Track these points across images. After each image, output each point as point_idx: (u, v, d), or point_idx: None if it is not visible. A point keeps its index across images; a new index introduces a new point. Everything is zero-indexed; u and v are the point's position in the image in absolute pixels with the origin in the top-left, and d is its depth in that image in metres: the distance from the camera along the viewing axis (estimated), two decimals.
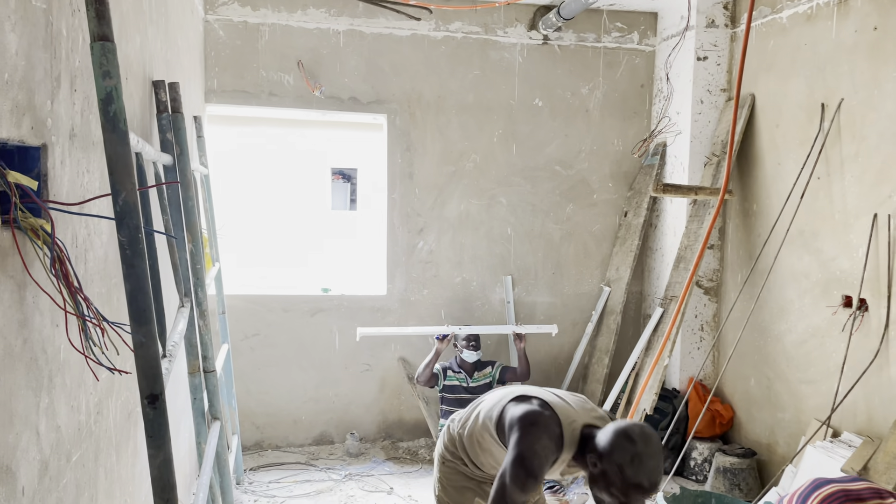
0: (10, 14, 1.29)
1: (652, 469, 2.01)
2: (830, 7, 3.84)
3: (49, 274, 1.39)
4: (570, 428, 2.17)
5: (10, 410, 1.28)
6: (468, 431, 2.44)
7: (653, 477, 2.01)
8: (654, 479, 2.02)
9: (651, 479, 2.01)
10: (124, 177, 1.48)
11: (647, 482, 2.00)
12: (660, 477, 2.03)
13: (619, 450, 2.02)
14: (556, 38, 5.04)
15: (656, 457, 2.03)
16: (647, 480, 2.00)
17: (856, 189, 3.66)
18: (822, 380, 3.86)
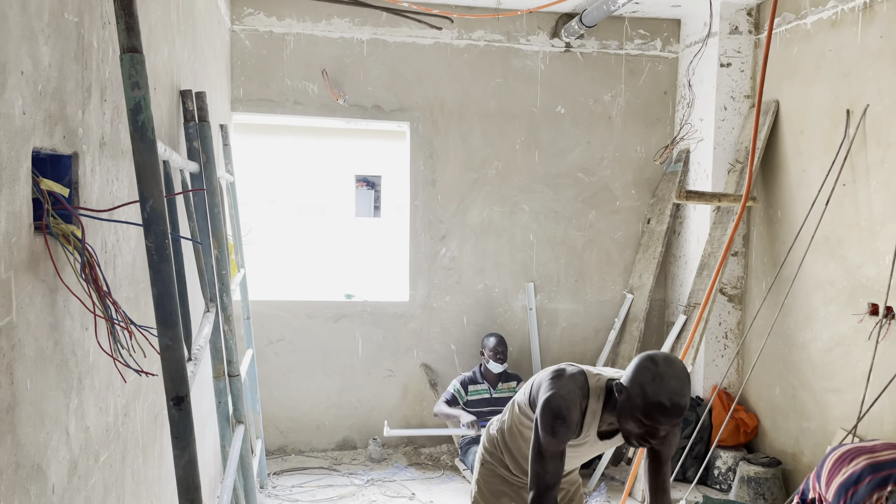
0: (43, 27, 1.34)
1: (674, 389, 1.97)
2: (855, 13, 3.81)
3: (79, 278, 1.44)
4: (595, 378, 2.21)
5: (41, 411, 1.33)
6: (507, 426, 2.48)
7: (674, 397, 1.97)
8: (675, 399, 1.97)
9: (672, 398, 1.97)
10: (152, 184, 1.52)
11: (669, 401, 1.96)
12: (683, 400, 1.98)
13: (641, 370, 2.03)
14: (579, 45, 5.05)
15: (679, 379, 2.00)
16: (669, 399, 1.96)
17: (882, 196, 3.62)
18: (849, 388, 3.81)
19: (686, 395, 2.00)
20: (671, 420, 1.99)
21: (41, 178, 1.36)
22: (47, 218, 1.36)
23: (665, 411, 1.98)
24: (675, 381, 1.98)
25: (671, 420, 1.99)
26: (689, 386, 2.02)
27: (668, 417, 1.98)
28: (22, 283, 1.24)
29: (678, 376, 2.00)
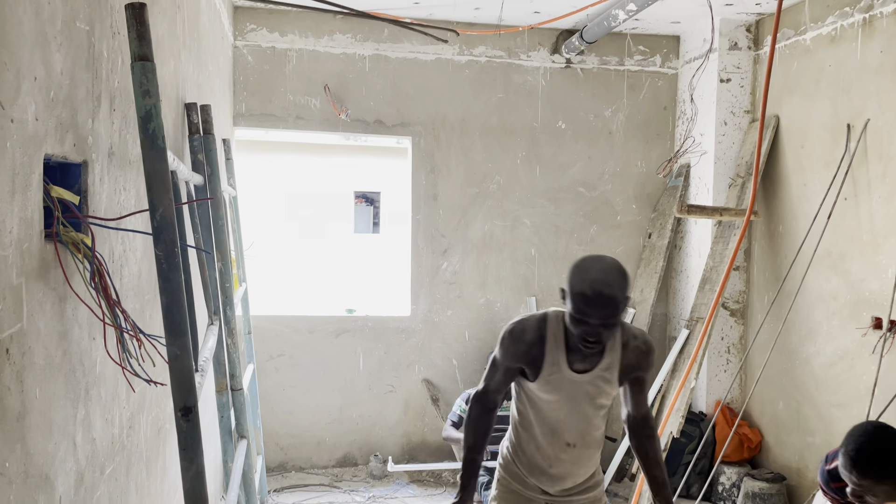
0: (56, 34, 1.34)
1: (595, 278, 1.98)
2: (855, 28, 3.84)
3: (88, 287, 1.43)
4: (555, 312, 2.25)
5: (49, 420, 1.31)
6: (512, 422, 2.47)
7: (596, 285, 1.96)
8: (597, 287, 1.96)
9: (595, 287, 1.96)
10: (162, 192, 1.51)
11: (591, 290, 1.96)
12: (608, 290, 1.97)
13: (571, 269, 2.07)
14: (579, 61, 5.08)
15: (604, 270, 2.01)
16: (591, 288, 1.96)
17: (884, 209, 3.63)
18: (853, 403, 3.79)
19: (612, 285, 1.98)
20: (596, 310, 1.98)
21: (52, 185, 1.36)
22: (57, 226, 1.35)
23: (588, 301, 1.98)
24: (598, 272, 2.00)
25: (596, 310, 1.98)
26: (618, 278, 2.01)
27: (592, 307, 1.98)
28: (32, 290, 1.23)
29: (603, 268, 2.02)
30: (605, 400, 2.28)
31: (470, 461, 2.40)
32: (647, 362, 2.27)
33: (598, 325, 2.01)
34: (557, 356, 2.20)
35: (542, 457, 2.35)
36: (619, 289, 2.00)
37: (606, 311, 2.00)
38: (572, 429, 2.28)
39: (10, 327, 1.14)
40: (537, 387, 2.24)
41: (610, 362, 2.22)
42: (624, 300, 2.01)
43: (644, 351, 2.25)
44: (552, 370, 2.20)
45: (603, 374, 2.22)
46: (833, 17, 4.00)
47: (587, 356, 2.19)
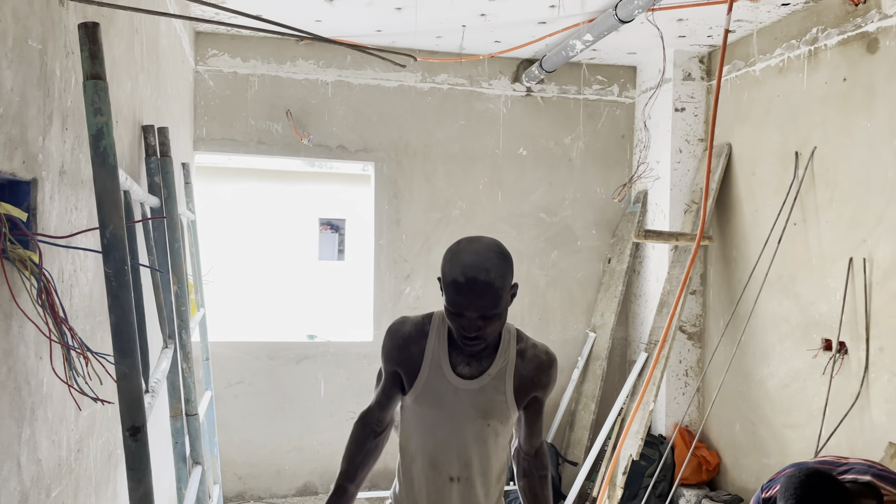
0: (6, 52, 1.35)
1: (468, 263, 1.73)
2: (801, 60, 4.00)
3: (35, 304, 1.42)
4: (440, 311, 1.97)
5: None
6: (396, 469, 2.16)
7: (469, 271, 1.72)
8: (470, 273, 1.72)
9: (467, 273, 1.72)
10: (112, 210, 1.51)
11: (462, 276, 1.72)
12: (483, 275, 1.71)
13: (445, 253, 1.83)
14: (539, 90, 5.19)
15: (477, 253, 1.75)
16: (462, 275, 1.72)
17: (831, 234, 3.75)
18: (806, 424, 3.88)
19: (489, 269, 1.72)
20: (471, 299, 1.73)
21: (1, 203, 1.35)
22: (4, 242, 1.34)
23: (460, 289, 1.73)
24: (471, 255, 1.74)
25: (471, 299, 1.73)
26: (496, 261, 1.75)
27: (466, 296, 1.72)
28: None
29: (477, 250, 1.76)
30: (500, 420, 1.92)
31: (339, 490, 2.02)
32: (547, 377, 1.94)
33: (476, 318, 1.75)
34: (439, 355, 1.91)
35: (425, 501, 1.97)
36: (498, 273, 1.74)
37: (483, 301, 1.73)
38: (457, 456, 1.92)
39: None
40: (415, 398, 1.92)
41: (502, 368, 1.90)
42: (505, 287, 1.76)
43: (544, 363, 1.93)
44: (433, 373, 1.90)
45: (494, 383, 1.90)
46: (780, 49, 4.15)
47: (474, 359, 1.90)
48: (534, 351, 1.94)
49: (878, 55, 3.50)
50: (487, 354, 1.91)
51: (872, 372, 3.47)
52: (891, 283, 3.39)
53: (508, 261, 1.80)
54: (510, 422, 1.95)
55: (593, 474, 4.71)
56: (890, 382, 3.38)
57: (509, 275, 1.78)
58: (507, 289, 1.78)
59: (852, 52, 3.65)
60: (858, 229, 3.58)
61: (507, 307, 1.81)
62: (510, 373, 1.91)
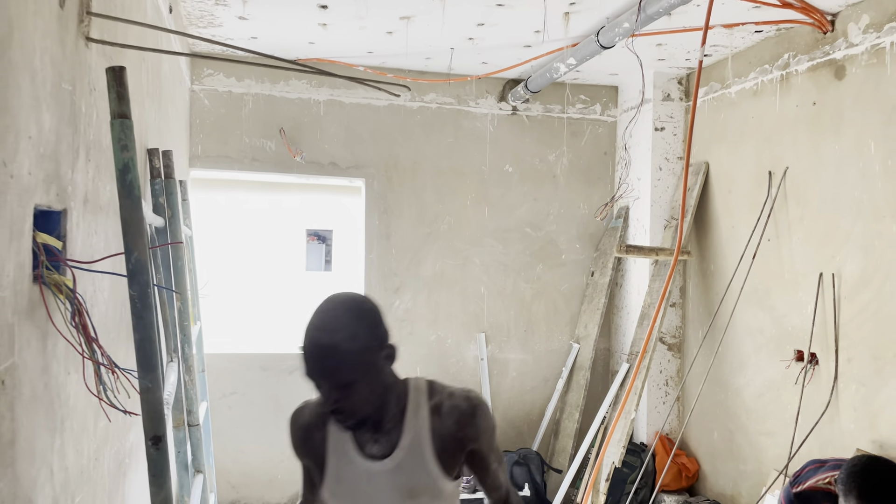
0: (46, 97, 1.49)
1: (316, 325, 1.50)
2: (774, 84, 4.20)
3: (68, 325, 1.55)
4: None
5: (32, 447, 1.42)
6: None
7: (316, 335, 1.49)
8: (316, 337, 1.48)
9: (312, 338, 1.49)
10: (137, 238, 1.65)
11: (309, 343, 1.50)
12: (326, 337, 1.47)
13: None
14: (525, 108, 5.36)
15: (333, 315, 1.51)
16: (309, 341, 1.50)
17: (802, 250, 3.94)
18: (780, 431, 4.05)
19: (332, 330, 1.48)
20: (315, 366, 1.49)
21: (38, 231, 1.49)
22: (42, 269, 1.48)
23: (305, 355, 1.51)
24: (317, 316, 1.52)
25: (315, 366, 1.49)
26: (347, 321, 1.49)
27: (310, 363, 1.50)
28: (22, 328, 1.36)
29: (325, 309, 1.53)
30: (431, 496, 1.65)
31: None
32: (475, 429, 1.64)
33: (331, 389, 1.51)
34: (343, 439, 1.65)
35: None
36: (347, 335, 1.48)
37: (329, 368, 1.49)
38: None
39: (5, 361, 1.26)
40: (330, 494, 1.68)
41: (415, 435, 1.61)
42: (360, 350, 1.49)
43: (465, 413, 1.63)
44: (340, 461, 1.65)
45: (410, 456, 1.62)
46: (755, 73, 4.35)
47: (381, 434, 1.62)
48: (451, 402, 1.64)
49: (845, 81, 3.70)
50: (394, 424, 1.62)
51: (841, 382, 3.66)
52: (858, 297, 3.58)
53: (367, 319, 1.53)
54: (447, 492, 1.67)
55: (577, 481, 4.86)
56: (857, 392, 3.57)
57: (368, 335, 1.51)
58: (369, 351, 1.51)
59: (821, 77, 3.85)
60: (828, 246, 3.77)
61: (374, 373, 1.53)
62: (426, 438, 1.62)
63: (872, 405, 3.48)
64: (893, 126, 3.39)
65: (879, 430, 3.44)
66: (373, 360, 1.53)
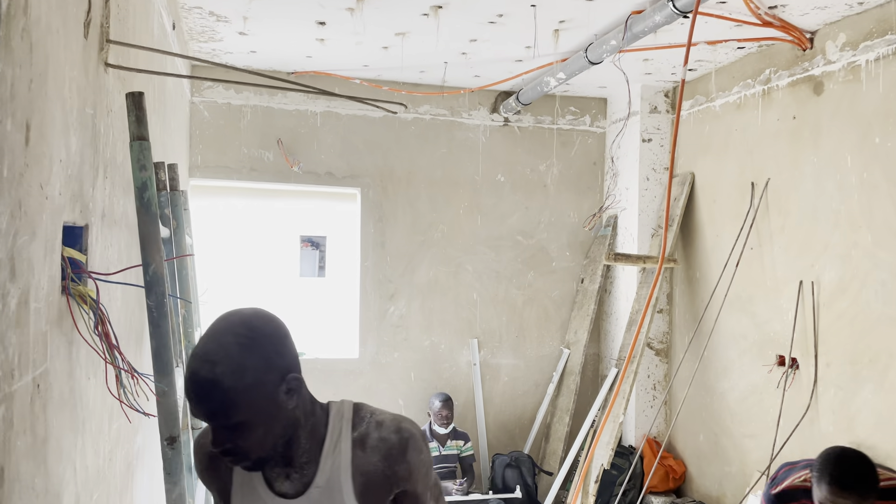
0: (73, 122, 1.61)
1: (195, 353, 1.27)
2: (756, 98, 4.35)
3: (92, 333, 1.67)
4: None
5: (60, 447, 1.54)
6: None
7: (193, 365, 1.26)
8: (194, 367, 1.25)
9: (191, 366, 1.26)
10: (154, 252, 1.77)
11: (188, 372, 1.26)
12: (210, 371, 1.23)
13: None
14: (516, 120, 5.51)
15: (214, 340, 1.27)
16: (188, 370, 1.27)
17: (783, 258, 4.09)
18: (763, 434, 4.19)
19: (213, 361, 1.24)
20: (195, 403, 1.26)
21: (65, 246, 1.61)
22: (68, 281, 1.60)
23: (187, 393, 1.27)
24: (202, 342, 1.28)
25: (195, 403, 1.26)
26: (230, 348, 1.26)
27: (190, 399, 1.27)
28: (53, 335, 1.48)
29: (211, 334, 1.29)
30: None
31: None
32: (405, 467, 1.42)
33: (216, 430, 1.28)
34: (250, 473, 1.43)
35: None
36: (231, 368, 1.25)
37: (211, 406, 1.25)
38: None
39: (39, 367, 1.38)
40: None
41: (333, 473, 1.40)
42: (248, 386, 1.25)
43: (394, 448, 1.41)
44: (245, 497, 1.44)
45: (327, 496, 1.40)
46: (738, 88, 4.51)
47: (293, 469, 1.41)
48: (379, 434, 1.42)
49: (824, 97, 3.86)
50: (309, 459, 1.40)
51: (820, 386, 3.80)
52: (836, 304, 3.72)
53: (260, 349, 1.28)
54: None
55: (568, 483, 4.99)
56: (835, 396, 3.71)
57: (260, 368, 1.27)
58: (260, 387, 1.27)
59: (801, 93, 4.01)
60: (807, 255, 3.92)
61: (271, 411, 1.30)
62: (346, 475, 1.40)
63: (850, 408, 3.63)
64: (868, 141, 3.54)
65: (856, 433, 3.58)
66: (267, 397, 1.28)
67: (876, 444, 3.47)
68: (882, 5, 3.48)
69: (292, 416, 1.36)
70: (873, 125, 3.52)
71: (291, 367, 1.35)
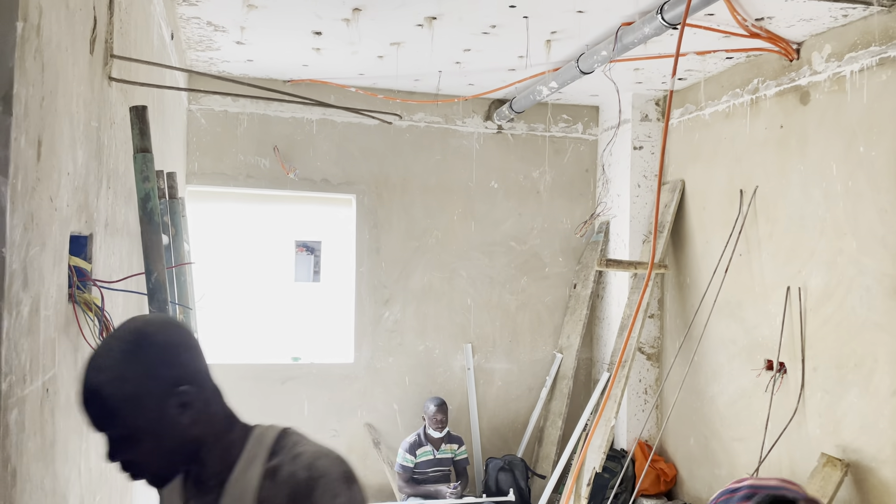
0: (79, 135, 1.67)
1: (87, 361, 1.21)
2: (744, 107, 4.43)
3: (97, 339, 1.73)
4: None
5: (66, 449, 1.60)
6: None
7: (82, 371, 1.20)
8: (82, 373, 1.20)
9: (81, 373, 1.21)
10: (157, 260, 1.83)
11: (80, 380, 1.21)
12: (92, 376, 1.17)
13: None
14: (509, 127, 5.58)
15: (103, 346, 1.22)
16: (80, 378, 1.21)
17: (771, 265, 4.16)
18: (751, 437, 4.26)
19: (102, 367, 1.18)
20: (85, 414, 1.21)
21: (71, 255, 1.66)
22: (74, 289, 1.66)
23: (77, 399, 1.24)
24: (97, 349, 1.22)
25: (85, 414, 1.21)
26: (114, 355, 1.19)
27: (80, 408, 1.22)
28: (61, 342, 1.53)
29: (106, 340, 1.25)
30: None
31: None
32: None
33: (107, 441, 1.23)
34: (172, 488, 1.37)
35: None
36: (112, 378, 1.18)
37: (93, 415, 1.21)
38: None
39: (48, 372, 1.44)
40: None
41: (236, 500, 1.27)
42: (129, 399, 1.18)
43: (300, 485, 1.24)
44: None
45: None
46: (727, 97, 4.59)
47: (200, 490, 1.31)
48: (290, 468, 1.26)
49: (810, 106, 3.94)
50: (217, 482, 1.29)
51: (808, 389, 3.87)
52: (822, 309, 3.80)
53: (146, 358, 1.20)
54: None
55: (560, 487, 5.05)
56: (822, 399, 3.78)
57: (143, 377, 1.19)
58: (143, 399, 1.18)
59: (788, 102, 4.09)
60: (794, 261, 3.99)
61: (161, 426, 1.21)
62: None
63: (836, 412, 3.70)
64: (853, 149, 3.62)
65: (842, 436, 3.65)
66: (150, 409, 1.19)
67: (861, 447, 3.54)
68: (866, 18, 3.56)
69: (190, 434, 1.24)
70: (858, 134, 3.60)
71: (184, 379, 1.23)
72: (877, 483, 3.45)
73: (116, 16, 2.05)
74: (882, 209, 3.45)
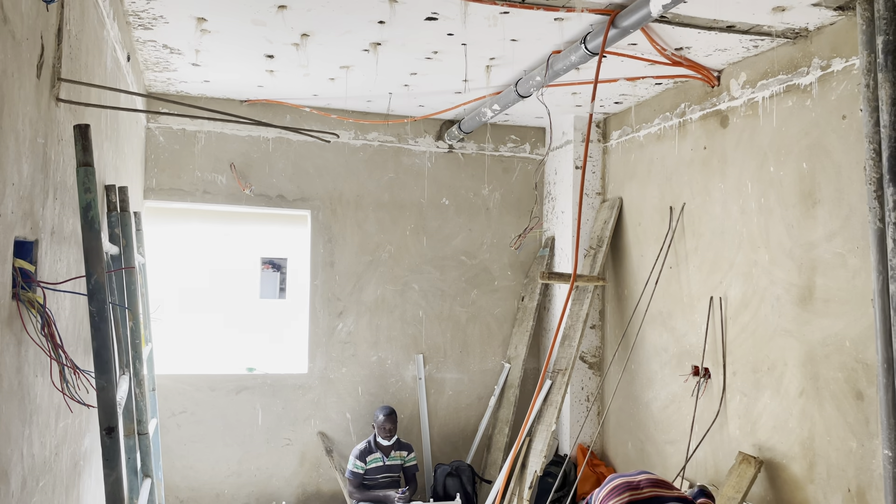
0: (24, 151, 1.86)
1: None
2: (673, 129, 4.73)
3: (39, 334, 1.91)
4: None
5: (7, 432, 1.77)
6: None
7: None
8: None
9: None
10: (96, 263, 2.02)
11: None
12: None
13: None
14: (460, 147, 5.84)
15: None
16: None
17: (697, 276, 4.44)
18: (681, 439, 4.51)
19: None
20: None
21: (15, 258, 1.85)
22: (18, 288, 1.84)
23: None
24: None
25: None
26: None
27: None
28: (3, 335, 1.72)
29: None
30: None
31: None
32: None
33: None
34: None
35: None
36: None
37: None
38: None
39: None
40: None
41: None
42: None
43: None
44: None
45: None
46: (658, 120, 4.89)
47: None
48: None
49: (729, 129, 4.24)
50: None
51: (728, 393, 4.14)
52: (740, 318, 4.08)
53: None
54: None
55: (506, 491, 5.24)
56: (741, 402, 4.05)
57: None
58: None
59: (710, 125, 4.40)
60: (716, 273, 4.28)
61: None
62: None
63: (752, 413, 3.96)
64: (765, 169, 3.92)
65: (758, 435, 3.92)
66: None
67: (774, 446, 3.80)
68: (774, 48, 3.88)
69: None
70: (769, 155, 3.90)
71: None
72: (787, 478, 3.71)
73: (66, 42, 2.25)
74: (789, 224, 3.75)
